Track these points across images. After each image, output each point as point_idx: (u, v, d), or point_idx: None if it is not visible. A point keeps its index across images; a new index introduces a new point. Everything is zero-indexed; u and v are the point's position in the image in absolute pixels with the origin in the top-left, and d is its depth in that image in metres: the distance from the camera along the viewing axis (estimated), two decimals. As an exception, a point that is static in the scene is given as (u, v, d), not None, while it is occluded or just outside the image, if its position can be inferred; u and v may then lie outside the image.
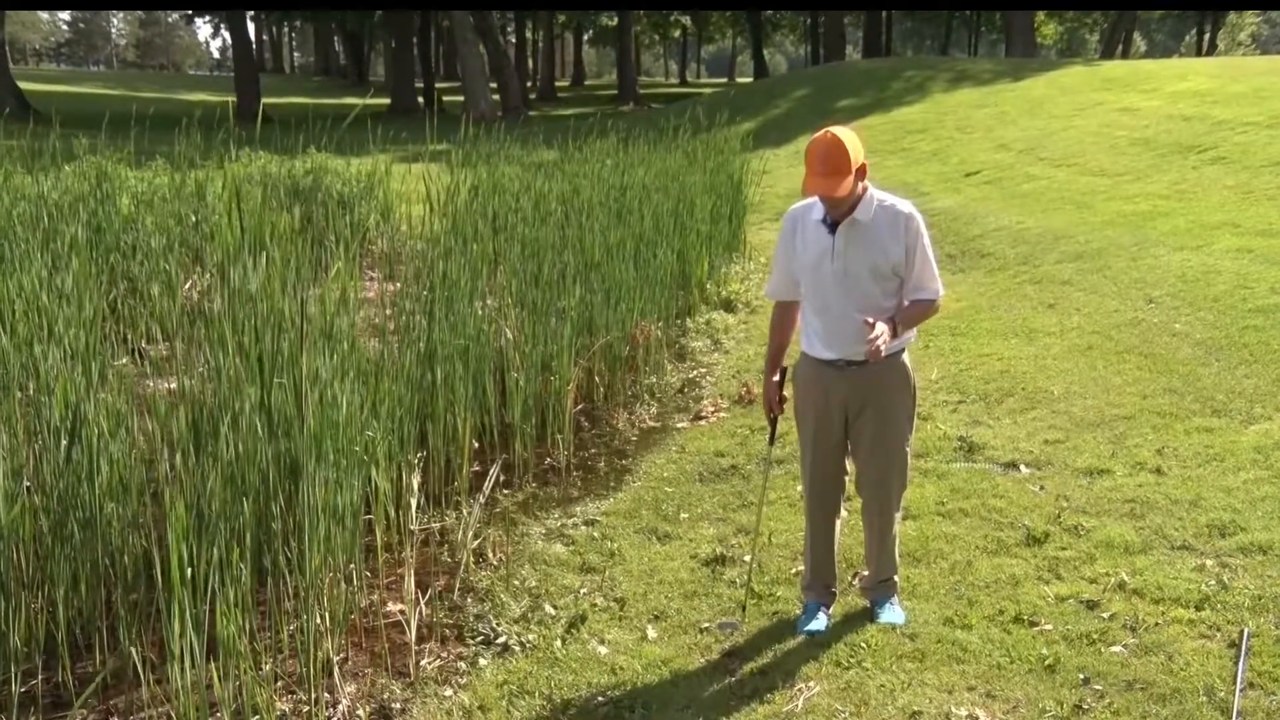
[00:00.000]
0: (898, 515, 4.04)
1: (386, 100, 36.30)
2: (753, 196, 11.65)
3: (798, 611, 4.07)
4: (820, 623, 3.99)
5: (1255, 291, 7.24)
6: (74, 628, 3.72)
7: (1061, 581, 4.22)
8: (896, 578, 4.11)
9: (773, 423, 3.97)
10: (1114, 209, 10.28)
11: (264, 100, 28.17)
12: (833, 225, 3.69)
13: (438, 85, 41.12)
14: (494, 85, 33.54)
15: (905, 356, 3.86)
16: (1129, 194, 10.74)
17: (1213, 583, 4.06)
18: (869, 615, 4.03)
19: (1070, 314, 7.68)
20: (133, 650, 3.23)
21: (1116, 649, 3.72)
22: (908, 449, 3.92)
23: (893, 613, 4.02)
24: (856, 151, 3.56)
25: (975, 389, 6.54)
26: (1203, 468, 5.04)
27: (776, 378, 3.93)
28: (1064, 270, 8.78)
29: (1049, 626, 3.90)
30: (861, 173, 3.60)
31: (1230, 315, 6.94)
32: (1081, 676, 3.57)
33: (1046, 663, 3.65)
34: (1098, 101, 15.47)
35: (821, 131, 3.62)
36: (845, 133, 3.58)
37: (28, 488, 3.74)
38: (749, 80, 47.54)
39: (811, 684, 3.63)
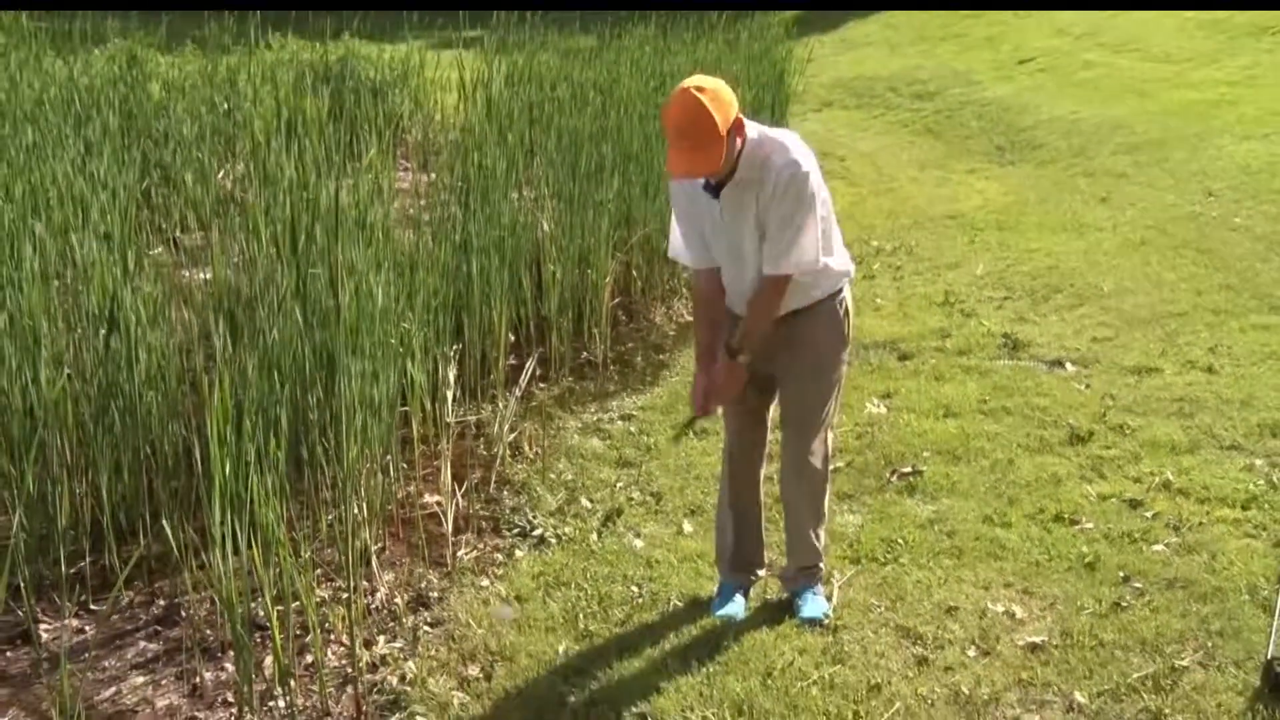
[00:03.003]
0: (824, 497, 3.49)
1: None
2: (796, 86, 11.41)
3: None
4: (738, 607, 3.51)
5: (1321, 185, 7.06)
6: (118, 513, 3.82)
7: (1105, 481, 4.22)
8: (822, 565, 3.54)
9: (691, 422, 3.36)
10: (1177, 97, 9.98)
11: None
12: (715, 188, 3.11)
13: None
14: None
15: (841, 299, 3.31)
16: (1194, 80, 10.40)
17: (1261, 482, 4.05)
18: (789, 608, 3.52)
19: (1124, 208, 7.53)
20: (175, 535, 3.32)
21: (1158, 548, 3.73)
22: (827, 414, 3.38)
23: (813, 605, 3.46)
24: (726, 110, 2.93)
25: (1021, 285, 6.46)
26: (1257, 366, 4.98)
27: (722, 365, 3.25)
28: (1119, 162, 8.58)
29: (1090, 525, 3.91)
30: (738, 129, 2.99)
31: (1294, 209, 6.78)
32: (1121, 575, 3.59)
33: (1086, 561, 3.68)
34: (1164, -18, 14.91)
35: (677, 90, 2.95)
36: (710, 86, 2.95)
37: (69, 375, 3.82)
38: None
39: (848, 579, 3.68)
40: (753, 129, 3.09)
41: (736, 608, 3.51)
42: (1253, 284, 5.87)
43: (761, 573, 3.65)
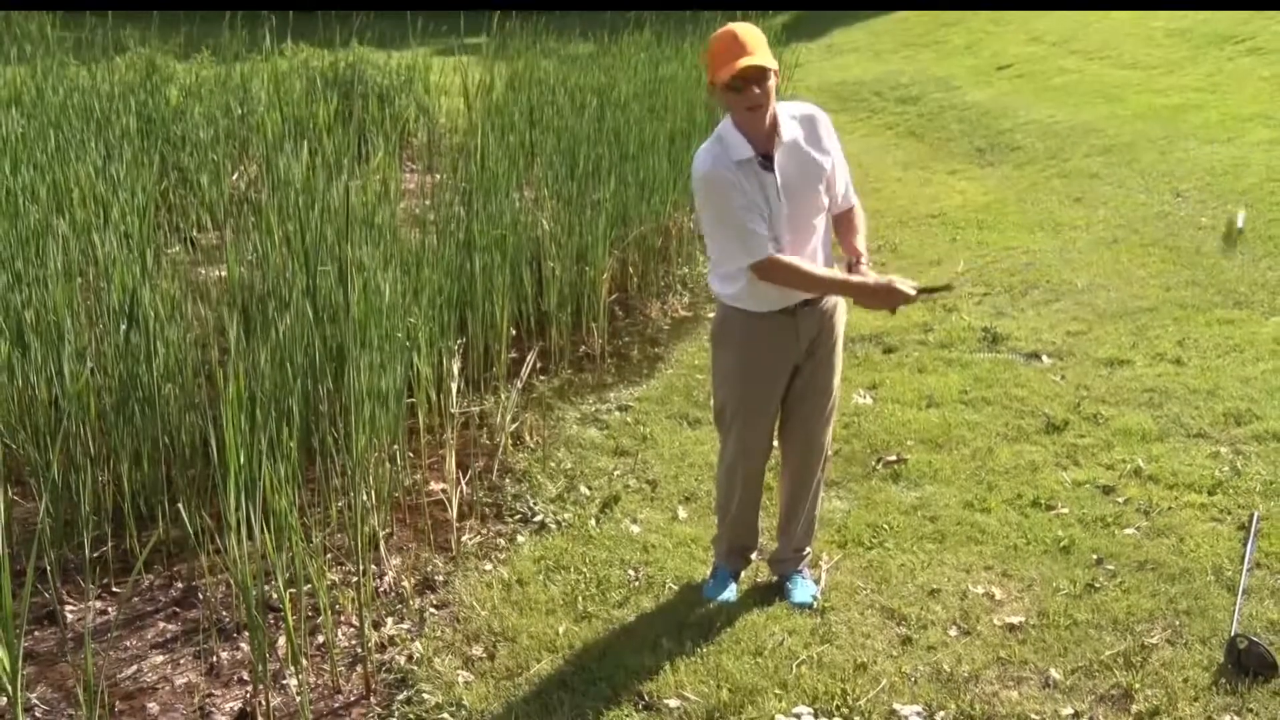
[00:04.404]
0: (823, 478, 3.48)
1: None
2: (785, 90, 11.39)
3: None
4: (731, 592, 3.50)
5: (1284, 185, 7.04)
6: (138, 500, 3.82)
7: (1079, 467, 4.21)
8: (810, 550, 3.56)
9: (932, 289, 3.23)
10: (1145, 102, 9.97)
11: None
12: (764, 159, 3.02)
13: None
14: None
15: None
16: (1161, 87, 10.39)
17: (1226, 469, 4.04)
18: (779, 590, 3.49)
19: (1097, 207, 7.52)
20: (192, 521, 3.31)
21: (1129, 531, 3.73)
22: (838, 399, 3.40)
23: (803, 588, 3.45)
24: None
25: (1000, 281, 6.45)
26: (1222, 358, 4.97)
27: (871, 278, 3.12)
28: (1092, 164, 8.56)
29: (1065, 510, 3.91)
30: (776, 72, 2.98)
31: (1258, 208, 6.76)
32: (1095, 557, 3.59)
33: (1061, 544, 3.67)
34: (1134, -8, 14.91)
35: (725, 27, 2.98)
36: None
37: (91, 369, 3.80)
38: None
39: (835, 562, 3.68)
40: (782, 106, 3.10)
41: (730, 592, 3.49)
42: (1218, 280, 5.87)
43: (754, 556, 3.64)
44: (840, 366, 3.37)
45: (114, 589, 3.68)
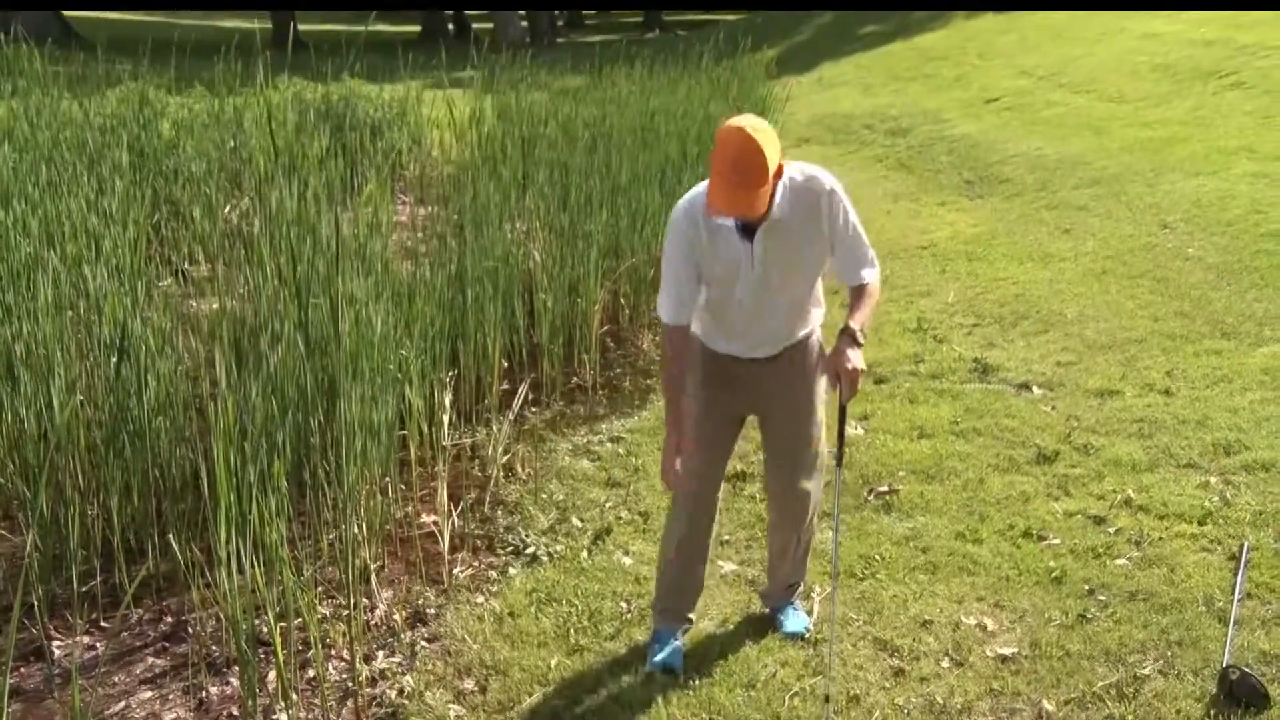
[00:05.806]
0: (815, 517, 3.41)
1: (417, 27, 35.84)
2: (775, 123, 11.48)
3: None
4: (676, 656, 3.32)
5: (1269, 216, 7.10)
6: (128, 534, 3.80)
7: (1070, 498, 4.22)
8: (803, 583, 3.55)
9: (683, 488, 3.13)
10: (1132, 135, 10.06)
11: (300, 27, 27.86)
12: (745, 228, 2.92)
13: (468, 12, 40.49)
14: (523, 12, 33.04)
15: (816, 337, 3.23)
16: (1147, 120, 10.49)
17: (1216, 499, 4.06)
18: (771, 622, 3.49)
19: (1085, 239, 7.57)
20: (182, 555, 3.30)
21: (1121, 562, 3.73)
22: (822, 440, 3.31)
23: (795, 620, 3.46)
24: (774, 151, 2.73)
25: (991, 312, 6.49)
26: (1210, 389, 5.00)
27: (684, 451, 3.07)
28: (1080, 196, 8.64)
29: (1057, 541, 3.91)
30: (778, 174, 2.78)
31: (1243, 240, 6.82)
32: (1087, 588, 3.59)
33: (1053, 575, 3.68)
34: (1120, 28, 15.06)
35: (731, 127, 2.73)
36: (760, 128, 2.73)
37: (81, 401, 3.80)
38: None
39: (828, 594, 3.67)
40: (788, 168, 2.92)
41: (673, 655, 3.30)
42: (1205, 311, 5.91)
43: (692, 616, 3.45)
44: (818, 414, 3.26)
45: (102, 624, 3.65)
